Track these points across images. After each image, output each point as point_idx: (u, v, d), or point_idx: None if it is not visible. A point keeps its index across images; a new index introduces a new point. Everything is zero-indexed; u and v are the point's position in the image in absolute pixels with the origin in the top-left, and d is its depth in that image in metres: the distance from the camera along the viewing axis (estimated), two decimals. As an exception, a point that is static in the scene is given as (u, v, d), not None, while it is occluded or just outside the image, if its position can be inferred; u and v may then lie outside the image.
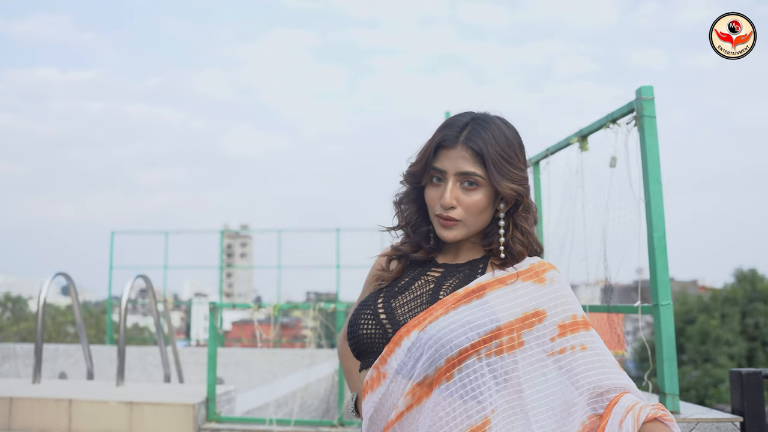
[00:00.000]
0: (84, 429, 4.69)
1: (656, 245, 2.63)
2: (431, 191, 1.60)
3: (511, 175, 1.56)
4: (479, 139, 1.55)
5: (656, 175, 2.65)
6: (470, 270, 1.63)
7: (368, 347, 1.60)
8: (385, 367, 1.54)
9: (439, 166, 1.57)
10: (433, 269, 1.66)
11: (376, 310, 1.62)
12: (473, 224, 1.59)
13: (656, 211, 2.64)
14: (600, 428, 1.46)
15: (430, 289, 1.62)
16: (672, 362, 2.60)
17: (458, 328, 1.49)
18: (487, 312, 1.51)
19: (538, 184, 3.81)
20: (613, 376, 1.52)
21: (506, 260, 1.61)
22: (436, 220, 1.60)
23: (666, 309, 2.60)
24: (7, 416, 4.75)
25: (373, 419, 1.57)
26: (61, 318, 31.96)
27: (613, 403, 1.48)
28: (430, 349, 1.49)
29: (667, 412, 1.46)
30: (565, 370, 1.52)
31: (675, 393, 2.60)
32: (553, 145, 3.52)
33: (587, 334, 1.56)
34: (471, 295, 1.54)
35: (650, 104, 2.67)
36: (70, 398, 4.75)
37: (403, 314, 1.59)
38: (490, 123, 1.58)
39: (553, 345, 1.54)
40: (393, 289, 1.65)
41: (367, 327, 1.61)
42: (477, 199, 1.56)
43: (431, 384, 1.49)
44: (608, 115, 2.90)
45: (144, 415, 4.67)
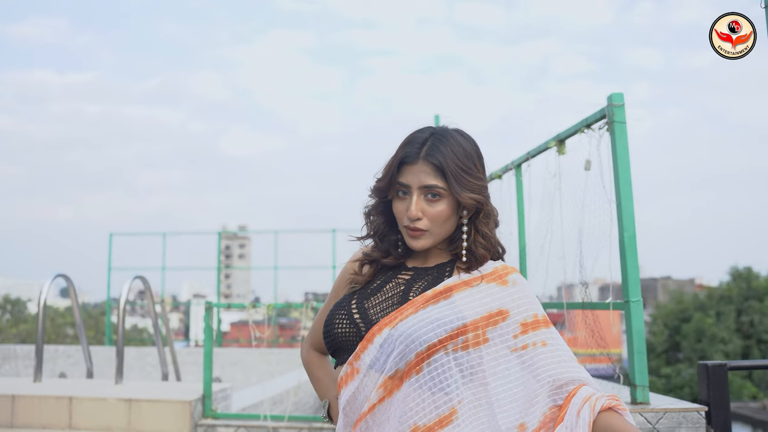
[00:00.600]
0: (84, 426, 4.81)
1: (627, 245, 2.77)
2: (398, 204, 1.71)
3: (471, 185, 1.67)
4: (438, 154, 1.66)
5: (627, 178, 2.79)
6: (438, 273, 1.74)
7: (343, 345, 1.70)
8: (358, 362, 1.65)
9: (403, 181, 1.68)
10: (403, 272, 1.77)
11: (350, 311, 1.72)
12: (439, 233, 1.70)
13: (626, 212, 2.78)
14: (560, 418, 1.57)
15: (401, 290, 1.73)
16: (642, 356, 2.74)
17: (426, 325, 1.60)
18: (453, 310, 1.63)
19: (520, 187, 3.96)
20: (572, 369, 1.63)
21: (470, 263, 1.72)
22: (405, 230, 1.70)
23: (636, 305, 2.74)
24: (10, 414, 4.88)
25: (346, 412, 1.67)
26: (60, 320, 32.07)
27: (571, 394, 1.59)
28: (401, 344, 1.59)
29: (620, 402, 1.57)
30: (527, 365, 1.64)
31: (645, 385, 2.73)
32: (533, 149, 3.66)
33: (547, 332, 1.67)
34: (439, 296, 1.65)
35: (621, 110, 2.81)
36: (70, 396, 4.88)
37: (376, 314, 1.70)
38: (448, 137, 1.69)
39: (516, 342, 1.65)
40: (366, 291, 1.76)
41: (341, 326, 1.71)
42: (441, 209, 1.67)
43: (402, 377, 1.59)
44: (583, 120, 3.04)
45: (142, 411, 4.79)
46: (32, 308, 44.48)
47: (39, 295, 5.69)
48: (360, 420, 1.63)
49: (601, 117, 2.90)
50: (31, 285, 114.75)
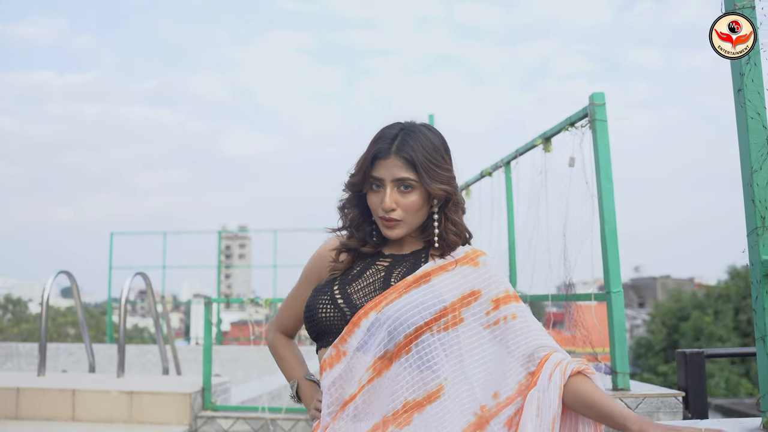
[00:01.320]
0: (87, 417, 4.91)
1: (608, 237, 2.89)
2: (372, 197, 1.80)
3: (440, 177, 1.77)
4: (409, 148, 1.76)
5: (607, 173, 2.91)
6: (415, 259, 1.85)
7: (327, 329, 1.79)
8: (345, 345, 1.73)
9: (376, 175, 1.78)
10: (381, 259, 1.87)
11: (333, 296, 1.81)
12: (412, 222, 1.81)
13: (607, 206, 2.90)
14: (532, 383, 1.69)
15: (381, 276, 1.82)
16: (623, 344, 2.86)
17: (412, 309, 1.70)
18: (434, 294, 1.74)
19: (509, 183, 4.08)
20: (542, 338, 1.76)
21: (443, 249, 1.84)
22: (380, 221, 1.81)
23: (617, 296, 2.86)
24: (15, 406, 4.98)
25: (331, 392, 1.74)
26: (61, 319, 32.17)
27: (543, 360, 1.72)
28: (389, 327, 1.69)
29: (589, 367, 1.70)
30: (499, 339, 1.76)
31: (626, 372, 2.85)
32: (521, 147, 3.78)
33: (517, 305, 1.79)
34: (419, 280, 1.76)
35: (602, 109, 2.93)
36: (73, 388, 4.98)
37: (359, 299, 1.79)
38: (417, 132, 1.79)
39: (488, 318, 1.77)
40: (347, 278, 1.85)
41: (325, 311, 1.79)
42: (413, 200, 1.77)
43: (391, 358, 1.69)
44: (567, 118, 3.16)
45: (143, 403, 4.89)
46: (33, 308, 44.60)
47: (42, 292, 5.80)
48: (350, 400, 1.70)
49: (584, 116, 3.01)
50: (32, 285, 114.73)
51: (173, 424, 4.79)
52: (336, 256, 1.89)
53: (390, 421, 1.68)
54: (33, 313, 40.73)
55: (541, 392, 1.67)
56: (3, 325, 32.90)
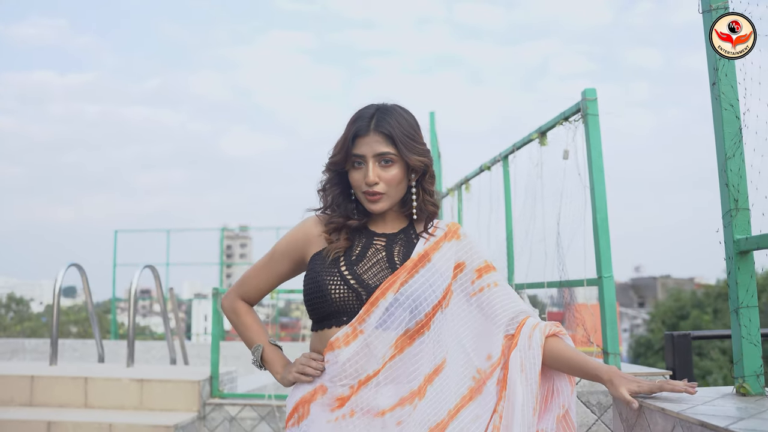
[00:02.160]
0: (99, 404, 5.06)
1: (599, 225, 3.05)
2: (355, 174, 1.89)
3: (416, 149, 1.88)
4: (386, 124, 1.86)
5: (599, 164, 3.07)
6: (406, 237, 1.96)
7: (340, 309, 1.85)
8: (363, 324, 1.80)
9: (358, 152, 1.87)
10: (375, 239, 1.95)
11: (344, 277, 1.87)
12: (394, 195, 1.90)
13: (599, 196, 3.06)
14: (513, 344, 1.86)
15: (384, 256, 1.91)
16: (613, 325, 3.02)
17: (428, 288, 1.84)
18: (439, 273, 1.88)
19: (507, 176, 4.24)
20: (519, 304, 1.93)
21: (422, 220, 1.97)
22: (363, 197, 1.90)
23: (608, 280, 3.02)
24: (29, 393, 5.13)
25: (346, 368, 1.81)
26: (63, 317, 32.33)
27: (521, 324, 1.89)
28: (410, 306, 1.81)
29: (562, 329, 1.89)
30: (484, 305, 1.92)
31: (616, 352, 3.01)
32: (518, 141, 3.94)
33: (496, 274, 1.95)
34: (423, 260, 1.88)
35: (594, 104, 3.09)
36: (85, 376, 5.13)
37: (370, 278, 1.86)
38: (391, 110, 1.90)
39: (473, 287, 1.93)
40: (351, 258, 1.91)
41: (338, 292, 1.85)
42: (394, 173, 1.86)
43: (412, 335, 1.81)
44: (561, 113, 3.32)
45: (154, 391, 5.04)
46: (35, 307, 44.78)
47: (54, 284, 5.96)
48: (371, 378, 1.80)
49: (577, 110, 3.18)
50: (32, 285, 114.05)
51: (183, 411, 4.94)
52: (330, 235, 1.95)
53: (416, 394, 1.80)
54: (35, 312, 40.94)
55: (522, 351, 1.83)
56: (6, 323, 33.09)
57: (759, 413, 1.62)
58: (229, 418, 5.05)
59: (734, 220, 1.93)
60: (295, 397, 1.92)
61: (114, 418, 4.71)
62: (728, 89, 1.98)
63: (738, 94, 1.97)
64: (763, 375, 1.89)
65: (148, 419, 4.67)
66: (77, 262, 6.28)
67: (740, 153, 1.95)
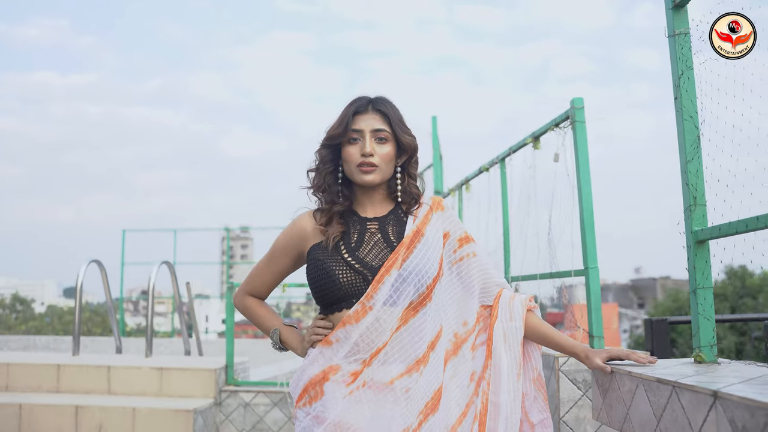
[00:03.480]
0: (121, 391, 5.40)
1: (585, 221, 3.38)
2: (350, 148, 2.06)
3: (407, 131, 2.09)
4: (383, 106, 2.08)
5: (585, 166, 3.40)
6: (395, 217, 2.11)
7: (349, 292, 1.98)
8: (371, 301, 1.93)
9: (356, 128, 2.05)
10: (369, 224, 2.09)
11: (348, 262, 2.00)
12: (385, 170, 2.07)
13: (585, 194, 3.38)
14: (494, 315, 2.07)
15: (380, 238, 2.05)
16: (598, 312, 3.34)
17: (427, 262, 1.99)
18: (434, 246, 2.04)
19: (504, 178, 4.57)
20: (495, 276, 2.13)
21: (407, 201, 2.12)
22: (357, 170, 2.05)
23: (593, 271, 3.35)
24: (56, 380, 5.46)
25: (358, 342, 1.94)
26: (67, 317, 32.64)
27: (498, 296, 2.10)
28: (414, 279, 1.96)
29: (533, 303, 2.13)
30: (463, 274, 2.09)
31: (600, 336, 3.34)
32: (514, 144, 4.27)
33: (475, 245, 2.14)
34: (418, 235, 2.03)
35: (581, 112, 3.42)
36: (108, 365, 5.47)
37: (372, 260, 2.00)
38: (385, 98, 2.11)
39: (455, 255, 2.10)
40: (350, 245, 2.04)
41: (345, 277, 1.99)
42: (387, 150, 2.05)
43: (416, 307, 1.96)
44: (552, 120, 3.66)
45: (172, 378, 5.37)
46: (36, 308, 45.09)
47: (76, 279, 6.30)
48: (380, 350, 1.93)
49: (566, 117, 3.51)
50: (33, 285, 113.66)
51: (200, 397, 5.28)
52: (325, 224, 2.09)
53: (421, 362, 1.95)
54: (38, 312, 41.22)
55: (504, 323, 2.05)
56: (11, 323, 33.38)
57: (706, 373, 1.95)
58: (244, 404, 5.38)
59: (693, 214, 2.27)
60: (304, 379, 2.03)
61: (136, 403, 5.04)
62: (688, 103, 2.31)
63: (696, 107, 2.30)
64: (716, 346, 2.22)
65: (168, 404, 5.00)
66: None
67: (698, 157, 2.28)
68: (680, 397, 1.76)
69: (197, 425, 4.86)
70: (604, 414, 2.27)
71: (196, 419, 4.84)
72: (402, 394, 1.91)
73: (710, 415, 1.60)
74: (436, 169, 7.32)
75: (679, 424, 1.76)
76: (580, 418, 3.27)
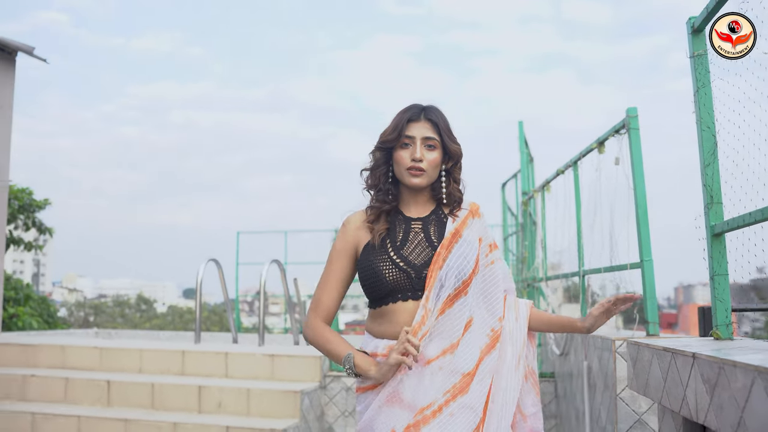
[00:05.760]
0: (237, 374, 6.04)
1: (640, 217, 3.74)
2: (402, 152, 2.18)
3: (455, 140, 2.22)
4: (434, 116, 2.20)
5: (639, 169, 3.76)
6: (437, 218, 2.24)
7: (395, 288, 2.12)
8: (429, 304, 2.08)
9: (409, 134, 2.17)
10: (413, 224, 2.23)
11: (393, 260, 2.14)
12: (431, 175, 2.20)
13: (640, 193, 3.75)
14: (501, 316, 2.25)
15: (423, 237, 2.19)
16: (653, 300, 3.70)
17: (463, 260, 2.13)
18: (470, 246, 2.17)
19: (577, 179, 4.95)
20: (509, 280, 2.33)
21: (450, 204, 2.26)
22: (407, 173, 2.17)
23: (648, 263, 3.71)
24: (181, 364, 6.17)
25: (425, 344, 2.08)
26: (187, 316, 34.42)
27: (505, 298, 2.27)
28: (453, 276, 2.10)
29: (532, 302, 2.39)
30: (488, 276, 2.24)
31: (656, 321, 3.70)
32: (584, 149, 4.65)
33: (498, 252, 2.30)
34: (455, 236, 2.16)
35: (635, 120, 3.79)
36: (226, 352, 6.13)
37: (415, 258, 2.15)
38: (436, 108, 2.24)
39: (487, 259, 2.25)
40: (396, 244, 2.18)
41: (392, 274, 2.12)
42: (435, 156, 2.18)
43: (452, 299, 2.11)
44: (612, 127, 4.03)
45: (282, 364, 5.98)
46: (158, 308, 47.49)
47: (196, 276, 7.02)
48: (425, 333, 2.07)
49: (623, 125, 3.89)
50: (155, 287, 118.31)
51: (307, 381, 5.88)
52: (374, 220, 2.23)
53: (455, 346, 2.10)
54: (160, 311, 43.47)
55: (511, 322, 2.25)
56: (136, 320, 35.45)
57: (719, 348, 2.33)
58: (346, 388, 5.94)
59: (710, 211, 2.64)
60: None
61: (251, 384, 5.67)
62: (706, 115, 2.68)
63: (713, 118, 2.67)
64: (731, 325, 2.59)
65: (278, 386, 5.60)
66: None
67: (715, 162, 2.65)
68: (676, 361, 2.17)
69: (304, 405, 5.44)
70: (633, 381, 2.68)
71: (302, 400, 5.42)
72: (437, 371, 2.07)
73: (692, 372, 2.01)
74: (523, 173, 7.56)
75: (674, 380, 2.17)
76: (635, 395, 3.65)
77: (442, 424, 2.01)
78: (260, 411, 5.46)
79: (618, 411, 3.67)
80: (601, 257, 4.21)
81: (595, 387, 4.28)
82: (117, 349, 6.48)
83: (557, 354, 5.80)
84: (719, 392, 1.79)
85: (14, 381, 6.16)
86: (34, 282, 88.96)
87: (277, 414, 5.42)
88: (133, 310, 40.62)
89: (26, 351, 6.69)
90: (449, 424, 2.02)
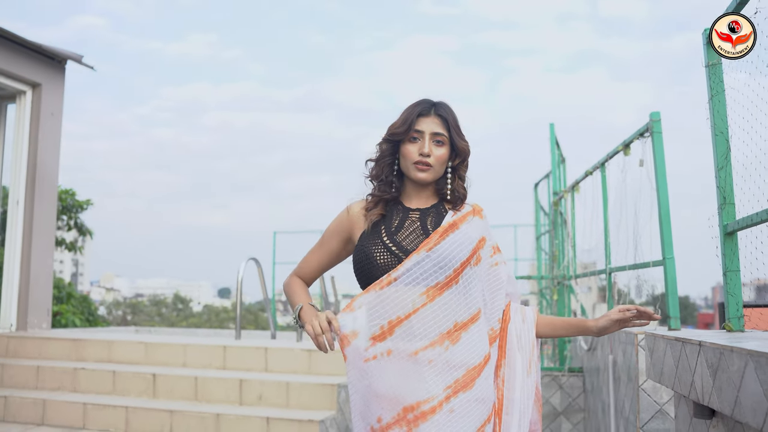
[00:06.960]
0: (276, 369, 6.25)
1: (663, 217, 3.91)
2: (410, 146, 2.17)
3: (463, 137, 2.21)
4: (444, 112, 2.19)
5: (662, 170, 3.93)
6: (437, 211, 2.22)
7: (385, 270, 2.10)
8: (396, 273, 2.05)
9: (418, 128, 2.16)
10: (411, 213, 2.21)
11: (385, 244, 2.13)
12: (438, 171, 2.18)
13: (662, 194, 3.91)
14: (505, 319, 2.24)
15: (419, 226, 2.17)
16: (675, 296, 3.87)
17: (456, 248, 2.09)
18: (467, 236, 2.13)
19: (604, 180, 5.12)
20: (511, 285, 2.29)
21: (453, 200, 2.23)
22: (414, 167, 2.16)
23: (670, 261, 3.87)
24: (223, 359, 6.40)
25: (377, 309, 2.06)
26: (223, 315, 34.94)
27: (508, 305, 2.27)
28: (441, 262, 2.05)
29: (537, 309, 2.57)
30: (492, 278, 2.23)
31: (677, 317, 3.87)
32: (611, 151, 4.82)
33: (502, 255, 2.28)
34: (453, 227, 2.13)
35: (658, 124, 3.96)
36: (265, 347, 6.34)
37: (408, 244, 2.12)
38: (446, 104, 2.22)
39: (491, 260, 2.24)
40: (390, 229, 2.17)
41: (382, 257, 2.11)
42: (442, 152, 2.16)
43: (442, 287, 2.06)
44: (637, 131, 4.20)
45: (320, 359, 6.16)
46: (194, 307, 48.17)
47: (236, 274, 7.28)
48: (401, 321, 2.04)
49: (647, 129, 4.06)
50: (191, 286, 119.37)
51: (343, 375, 6.04)
52: (372, 206, 2.23)
53: (445, 337, 2.04)
54: (195, 310, 44.13)
55: (518, 324, 2.23)
56: (173, 319, 36.07)
57: (729, 339, 2.47)
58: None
59: (723, 211, 2.81)
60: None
61: (289, 378, 5.87)
62: (719, 121, 2.84)
63: (727, 124, 2.83)
64: (742, 317, 2.75)
65: (316, 380, 5.78)
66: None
67: (728, 165, 2.82)
68: (685, 349, 2.35)
69: (340, 398, 5.63)
70: (651, 371, 2.86)
71: (339, 393, 5.62)
72: (426, 365, 2.02)
73: (698, 359, 2.19)
74: (554, 173, 7.68)
75: (684, 366, 2.36)
76: (657, 387, 3.82)
77: (441, 420, 1.98)
78: (299, 403, 5.66)
79: (640, 401, 3.84)
80: (626, 255, 4.38)
81: (620, 380, 4.45)
82: (161, 344, 6.75)
83: (585, 349, 5.97)
84: (720, 375, 1.97)
85: (66, 373, 6.47)
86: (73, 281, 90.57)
87: (315, 406, 5.61)
88: (169, 309, 41.32)
89: (75, 345, 7.00)
90: (450, 421, 1.99)
